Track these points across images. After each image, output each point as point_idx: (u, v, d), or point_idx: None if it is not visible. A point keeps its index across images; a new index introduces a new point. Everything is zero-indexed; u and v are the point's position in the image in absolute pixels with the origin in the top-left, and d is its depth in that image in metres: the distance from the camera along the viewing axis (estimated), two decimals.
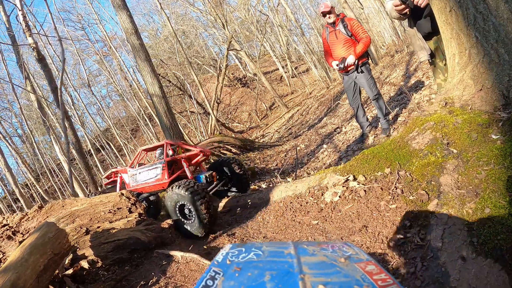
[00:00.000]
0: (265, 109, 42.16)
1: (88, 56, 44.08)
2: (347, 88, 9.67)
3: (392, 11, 5.27)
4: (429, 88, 11.03)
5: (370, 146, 9.77)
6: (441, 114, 4.37)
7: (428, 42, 5.37)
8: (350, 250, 1.48)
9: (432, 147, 4.15)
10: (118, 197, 6.46)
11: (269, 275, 1.21)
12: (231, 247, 1.50)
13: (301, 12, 49.57)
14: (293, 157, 14.63)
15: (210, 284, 1.21)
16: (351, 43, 9.05)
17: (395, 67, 17.96)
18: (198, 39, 56.26)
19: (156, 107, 19.10)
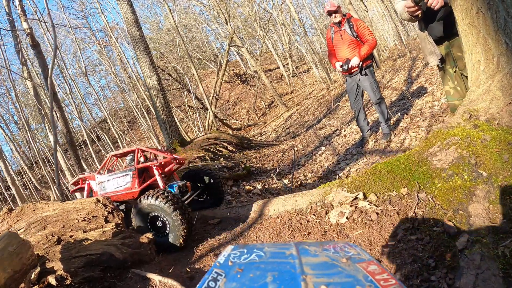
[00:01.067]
0: (264, 107, 41.98)
1: (88, 45, 43.89)
2: (349, 90, 9.50)
3: (403, 12, 5.00)
4: (432, 95, 10.86)
5: (370, 151, 9.60)
6: (466, 128, 3.91)
7: (439, 47, 5.11)
8: (352, 250, 1.47)
9: (458, 167, 3.59)
10: (94, 203, 5.82)
11: (271, 276, 1.21)
12: (233, 249, 1.50)
13: (305, 12, 49.52)
14: (290, 158, 14.43)
15: (212, 285, 1.21)
16: (356, 44, 8.86)
17: (397, 71, 17.79)
18: (200, 34, 56.10)
19: (153, 100, 18.95)
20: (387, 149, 9.03)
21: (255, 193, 10.54)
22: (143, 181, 7.09)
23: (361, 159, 9.64)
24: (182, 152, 18.04)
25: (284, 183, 10.97)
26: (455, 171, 3.58)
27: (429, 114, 9.47)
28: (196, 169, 8.09)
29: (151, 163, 7.01)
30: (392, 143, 9.10)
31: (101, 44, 40.40)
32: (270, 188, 11.04)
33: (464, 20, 4.00)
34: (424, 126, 8.84)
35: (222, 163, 15.16)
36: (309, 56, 37.90)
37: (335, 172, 9.99)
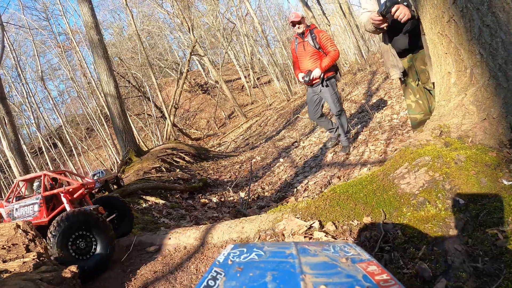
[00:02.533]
0: (224, 117, 41.92)
1: (48, 48, 43.14)
2: (309, 101, 9.33)
3: (367, 24, 4.79)
4: (391, 108, 10.79)
5: (328, 163, 9.43)
6: (436, 146, 3.48)
7: (402, 60, 4.91)
8: (352, 250, 1.47)
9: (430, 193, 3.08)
10: (13, 229, 5.07)
11: (271, 275, 1.21)
12: (233, 247, 1.50)
13: (269, 24, 49.85)
14: (248, 170, 14.20)
15: (212, 284, 1.20)
16: (318, 56, 8.72)
17: (357, 84, 17.80)
18: (163, 41, 55.88)
19: (110, 108, 18.57)
20: (345, 162, 8.89)
21: (211, 207, 10.26)
22: (52, 208, 6.61)
23: (319, 171, 9.47)
24: (138, 162, 17.72)
25: (240, 196, 10.72)
26: (427, 198, 3.11)
27: (388, 127, 9.37)
28: (109, 197, 7.59)
29: (58, 190, 6.52)
30: (351, 156, 8.97)
31: (61, 48, 39.75)
32: (226, 201, 10.78)
33: (434, 29, 3.66)
34: (383, 139, 8.72)
35: (178, 174, 14.88)
36: (271, 68, 38.01)
37: (293, 185, 9.79)
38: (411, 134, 8.13)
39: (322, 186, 8.44)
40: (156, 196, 11.60)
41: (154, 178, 13.69)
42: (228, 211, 9.52)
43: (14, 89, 39.58)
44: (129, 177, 15.39)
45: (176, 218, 9.30)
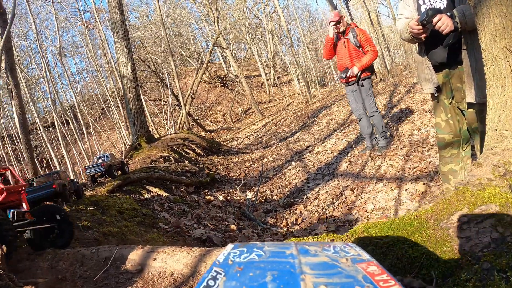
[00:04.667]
0: (240, 112, 41.70)
1: (71, 25, 43.09)
2: (349, 98, 9.30)
3: (404, 31, 4.37)
4: (411, 123, 10.37)
5: (342, 173, 9.08)
6: (501, 189, 2.52)
7: (437, 74, 4.47)
8: (352, 250, 1.42)
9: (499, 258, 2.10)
10: None
11: (271, 275, 1.16)
12: (233, 247, 1.45)
13: (295, 24, 49.47)
14: (258, 169, 13.85)
15: (212, 284, 1.16)
16: (357, 54, 8.71)
17: (378, 95, 17.40)
18: (187, 30, 55.73)
19: (125, 91, 18.39)
20: (360, 173, 8.54)
21: (215, 205, 9.91)
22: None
23: (332, 180, 9.13)
24: (147, 149, 17.47)
25: (247, 197, 10.36)
26: (495, 265, 2.11)
27: (408, 142, 8.96)
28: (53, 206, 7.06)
29: None
30: (367, 168, 8.60)
31: (85, 26, 39.71)
32: (232, 201, 10.44)
33: (498, 43, 3.00)
34: (402, 155, 8.32)
35: (186, 166, 14.58)
36: (292, 68, 37.74)
37: (303, 192, 9.47)
38: (432, 153, 7.74)
39: (334, 197, 8.11)
40: (160, 187, 11.29)
41: (161, 168, 13.39)
42: (233, 212, 9.18)
43: (33, 62, 39.60)
44: (135, 163, 15.12)
45: (177, 214, 8.96)
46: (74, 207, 8.19)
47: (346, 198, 7.77)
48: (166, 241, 6.84)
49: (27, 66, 46.86)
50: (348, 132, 12.56)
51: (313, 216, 7.72)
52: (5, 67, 12.86)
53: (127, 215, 8.38)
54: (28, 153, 12.95)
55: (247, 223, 8.30)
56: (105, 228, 7.21)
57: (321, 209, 7.91)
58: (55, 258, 5.32)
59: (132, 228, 7.48)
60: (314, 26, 55.15)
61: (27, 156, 12.99)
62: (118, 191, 10.51)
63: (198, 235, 7.10)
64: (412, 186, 6.67)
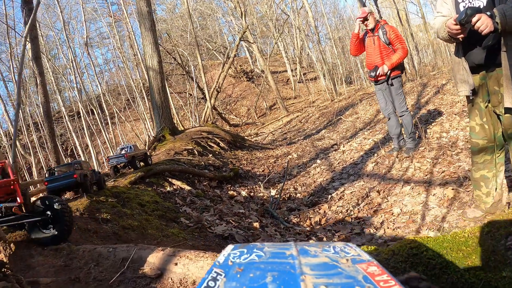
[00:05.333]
0: (265, 108, 41.63)
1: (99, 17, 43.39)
2: (379, 97, 9.14)
3: (441, 30, 4.23)
4: (440, 125, 10.14)
5: (368, 174, 8.94)
6: None
7: (473, 76, 4.32)
8: (352, 251, 1.41)
9: None
10: None
11: (271, 276, 1.16)
12: (233, 248, 1.45)
13: (322, 21, 49.22)
14: (282, 165, 13.77)
15: (212, 285, 1.16)
16: (387, 52, 8.52)
17: (406, 95, 17.18)
18: (214, 24, 55.78)
19: (150, 82, 18.46)
20: (387, 175, 8.38)
21: (238, 201, 9.83)
22: None
23: (357, 181, 8.99)
24: (171, 141, 17.49)
25: (271, 194, 10.27)
26: None
27: (436, 145, 8.74)
28: (46, 198, 6.81)
29: None
30: (394, 170, 8.45)
31: (112, 17, 39.93)
32: (256, 197, 10.36)
33: None
34: (430, 158, 8.12)
35: (210, 160, 14.54)
36: (319, 65, 37.57)
37: (328, 191, 9.35)
38: (461, 157, 7.57)
39: (359, 198, 7.98)
40: (182, 180, 11.24)
41: (184, 161, 13.36)
42: (256, 209, 9.10)
43: (61, 52, 39.92)
44: (159, 155, 15.14)
45: (199, 209, 8.86)
46: (94, 198, 8.12)
47: (372, 200, 7.64)
48: (187, 237, 6.75)
49: (54, 56, 47.43)
50: (375, 132, 12.39)
51: (338, 217, 7.62)
52: (31, 55, 12.93)
53: (148, 208, 8.32)
54: (51, 141, 12.99)
55: (269, 221, 8.21)
56: (125, 221, 7.14)
57: (346, 210, 7.79)
58: (70, 255, 5.11)
59: (153, 222, 7.42)
60: (342, 23, 54.78)
61: (51, 144, 13.03)
62: (140, 182, 10.49)
63: (220, 232, 7.03)
64: (441, 191, 6.50)
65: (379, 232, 6.23)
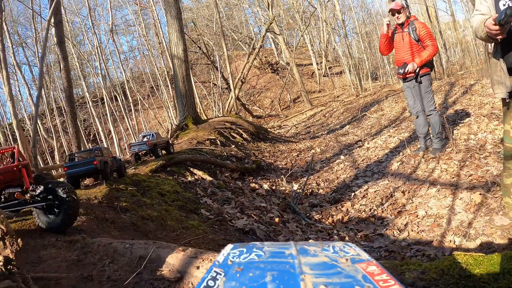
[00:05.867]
0: (289, 100, 41.51)
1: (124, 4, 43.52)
2: (407, 95, 8.92)
3: (479, 29, 4.09)
4: (468, 126, 9.89)
5: (393, 173, 8.80)
6: None
7: (511, 78, 4.18)
8: (351, 250, 1.40)
9: None
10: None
11: (271, 275, 1.16)
12: (232, 248, 1.44)
13: (350, 14, 48.93)
14: (305, 160, 13.65)
15: (212, 284, 1.16)
16: (416, 49, 8.29)
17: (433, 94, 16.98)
18: (240, 14, 55.65)
19: (175, 70, 18.47)
20: (412, 175, 8.21)
21: (260, 194, 9.75)
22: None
23: (382, 179, 8.83)
24: (194, 130, 17.48)
25: (293, 189, 10.17)
26: None
27: (464, 147, 8.49)
28: (52, 182, 6.65)
29: None
30: (419, 170, 8.28)
31: (138, 5, 40.04)
32: (278, 191, 10.27)
33: None
34: (457, 160, 7.94)
35: (232, 151, 14.49)
36: (345, 59, 37.26)
37: (351, 188, 9.21)
38: (489, 161, 7.39)
39: (383, 198, 7.83)
40: (204, 170, 11.20)
41: (206, 150, 13.33)
42: (278, 203, 9.01)
43: (86, 38, 40.25)
44: (181, 144, 15.13)
45: (220, 200, 8.80)
46: (114, 186, 8.09)
47: (396, 200, 7.49)
48: (207, 230, 6.67)
49: (79, 42, 47.77)
50: (400, 130, 12.21)
51: (361, 216, 7.50)
52: (56, 40, 12.98)
53: (169, 198, 8.27)
54: (73, 126, 13.03)
55: (291, 216, 8.13)
56: (144, 211, 7.06)
57: (369, 209, 7.66)
58: (84, 248, 4.85)
59: (173, 213, 7.36)
60: (369, 17, 54.35)
61: (72, 129, 13.08)
62: (161, 171, 10.50)
63: (241, 226, 6.94)
64: (467, 195, 6.31)
65: (402, 234, 6.10)
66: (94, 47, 34.21)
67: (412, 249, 5.43)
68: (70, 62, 16.61)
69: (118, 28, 51.49)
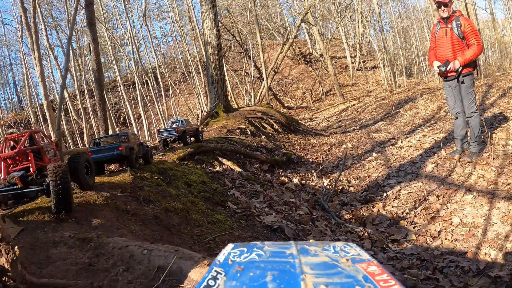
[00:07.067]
0: (321, 93, 41.35)
1: None
2: (447, 94, 8.61)
3: None
4: (506, 131, 9.53)
5: (427, 175, 8.57)
6: None
7: None
8: (352, 250, 1.43)
9: None
10: None
11: (271, 275, 1.19)
12: (233, 247, 1.47)
13: (386, 8, 48.31)
14: (336, 155, 13.46)
15: (212, 284, 1.19)
16: (460, 46, 7.96)
17: None
18: (275, 3, 55.51)
19: (208, 57, 18.48)
20: (447, 179, 7.95)
21: (289, 188, 9.59)
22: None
23: (415, 181, 8.61)
24: (224, 118, 17.42)
25: (323, 185, 9.99)
26: None
27: (502, 153, 8.16)
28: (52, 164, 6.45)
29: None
30: (454, 174, 8.00)
31: None
32: (307, 186, 10.11)
33: None
34: (495, 166, 7.64)
35: (262, 141, 14.37)
36: (379, 54, 36.82)
37: (383, 188, 9.00)
38: None
39: (417, 201, 7.63)
40: (233, 161, 11.08)
41: (236, 140, 13.24)
42: (307, 199, 8.86)
43: (119, 23, 40.53)
44: (210, 132, 15.07)
45: (248, 193, 8.64)
46: (138, 174, 7.93)
47: (430, 205, 7.25)
48: (233, 225, 6.54)
49: (113, 26, 48.13)
50: (435, 130, 11.91)
51: (393, 218, 7.30)
52: (86, 22, 13.01)
53: (195, 188, 8.10)
54: (101, 110, 13.02)
55: (320, 213, 7.97)
56: (169, 203, 6.86)
57: (402, 212, 7.45)
58: (97, 249, 4.38)
59: (198, 205, 7.18)
60: (406, 12, 53.63)
61: (100, 112, 13.05)
62: (189, 159, 10.37)
63: (269, 223, 6.75)
64: (505, 206, 6.02)
65: (435, 242, 5.89)
66: (127, 32, 34.41)
67: (445, 259, 5.23)
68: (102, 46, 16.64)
69: (151, 14, 51.80)
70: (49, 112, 17.10)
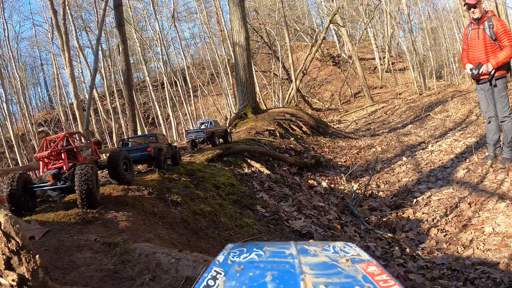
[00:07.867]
0: (350, 95, 41.18)
1: None
2: (480, 97, 8.44)
3: None
4: None
5: (458, 181, 8.42)
6: None
7: None
8: (352, 250, 1.44)
9: None
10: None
11: (271, 275, 1.20)
12: (233, 247, 1.49)
13: (416, 9, 47.86)
14: (365, 159, 13.37)
15: (212, 284, 1.19)
16: (492, 48, 7.79)
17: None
18: (303, 4, 55.43)
19: (236, 58, 18.52)
20: (479, 185, 7.80)
21: (317, 192, 9.52)
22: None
23: (446, 187, 8.47)
24: (253, 120, 17.41)
25: (352, 189, 9.91)
26: None
27: None
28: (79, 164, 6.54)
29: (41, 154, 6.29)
30: (487, 181, 7.85)
31: None
32: (336, 189, 10.03)
33: None
34: None
35: (291, 143, 14.33)
36: (409, 55, 36.49)
37: (413, 194, 8.86)
38: None
39: (448, 208, 7.46)
40: (262, 163, 11.02)
41: (265, 142, 13.20)
42: (336, 203, 8.77)
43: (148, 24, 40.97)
44: (239, 133, 15.06)
45: (277, 196, 8.56)
46: (166, 176, 7.86)
47: (462, 212, 7.09)
48: (262, 229, 6.45)
49: (142, 28, 48.69)
50: (466, 134, 11.75)
51: (423, 226, 7.17)
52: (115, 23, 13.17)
53: (223, 191, 8.05)
54: (130, 110, 13.11)
55: (349, 219, 7.87)
56: (197, 206, 6.79)
57: (432, 219, 7.32)
58: (123, 255, 4.14)
59: (227, 208, 7.12)
60: (435, 13, 53.08)
61: (129, 112, 13.15)
62: (217, 160, 10.34)
63: (298, 228, 6.67)
64: None
65: (467, 251, 5.74)
66: (156, 33, 34.72)
67: (477, 269, 5.12)
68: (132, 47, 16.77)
69: (180, 15, 52.22)
70: (79, 111, 17.30)
